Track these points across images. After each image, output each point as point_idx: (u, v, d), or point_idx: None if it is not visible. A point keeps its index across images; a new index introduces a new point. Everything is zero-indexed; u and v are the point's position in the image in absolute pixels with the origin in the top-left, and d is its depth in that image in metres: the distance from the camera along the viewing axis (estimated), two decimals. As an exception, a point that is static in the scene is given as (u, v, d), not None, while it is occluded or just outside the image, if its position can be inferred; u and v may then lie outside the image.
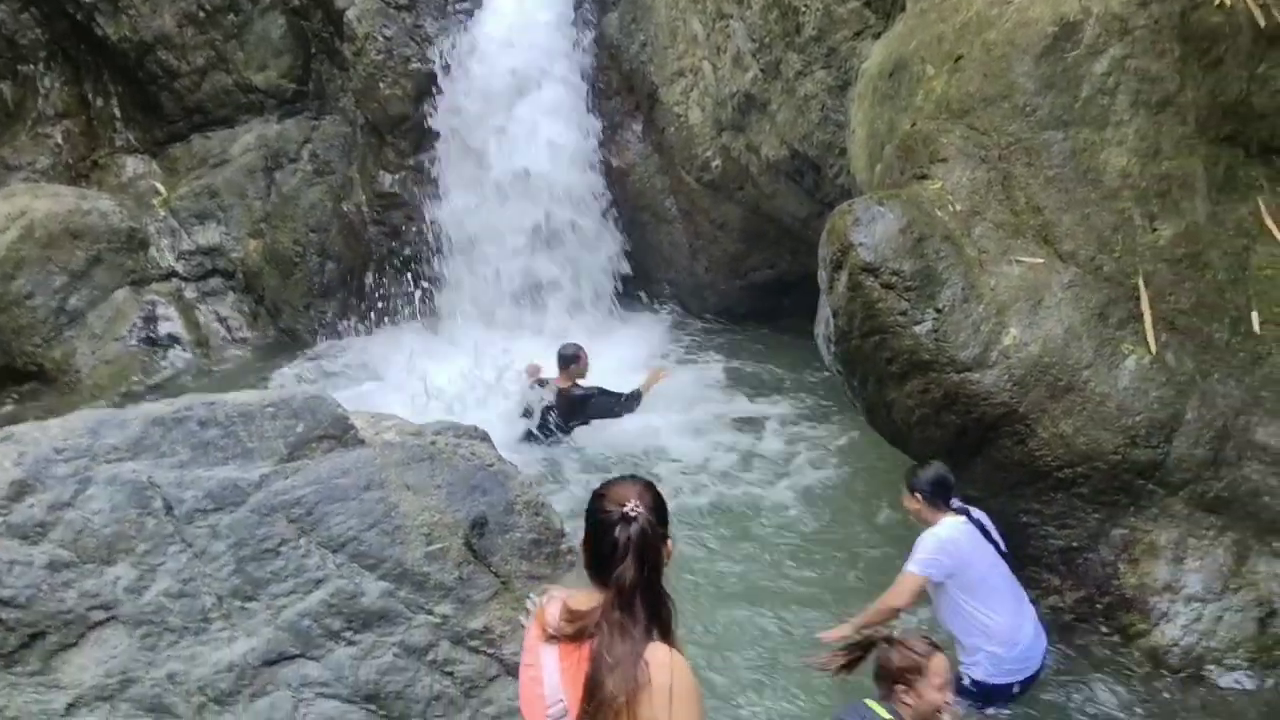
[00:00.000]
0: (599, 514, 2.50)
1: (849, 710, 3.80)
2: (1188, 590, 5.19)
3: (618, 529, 2.44)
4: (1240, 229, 5.46)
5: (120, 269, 10.02)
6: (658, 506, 2.52)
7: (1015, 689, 4.89)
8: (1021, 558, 5.20)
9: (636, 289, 10.47)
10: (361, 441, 3.33)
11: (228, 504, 3.11)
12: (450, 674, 3.13)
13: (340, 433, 3.30)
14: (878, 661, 3.79)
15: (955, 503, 4.96)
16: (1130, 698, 5.09)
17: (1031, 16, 5.61)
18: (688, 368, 9.13)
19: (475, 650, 3.19)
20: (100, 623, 2.94)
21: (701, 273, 10.01)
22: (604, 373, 8.09)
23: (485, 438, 3.61)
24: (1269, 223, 5.45)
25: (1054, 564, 5.45)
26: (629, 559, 2.42)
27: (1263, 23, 5.40)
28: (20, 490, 2.98)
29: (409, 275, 10.55)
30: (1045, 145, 5.49)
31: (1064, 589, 5.43)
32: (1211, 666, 5.09)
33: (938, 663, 3.76)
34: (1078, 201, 5.42)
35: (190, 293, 10.38)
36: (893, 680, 3.75)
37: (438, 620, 3.17)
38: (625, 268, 10.17)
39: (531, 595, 2.91)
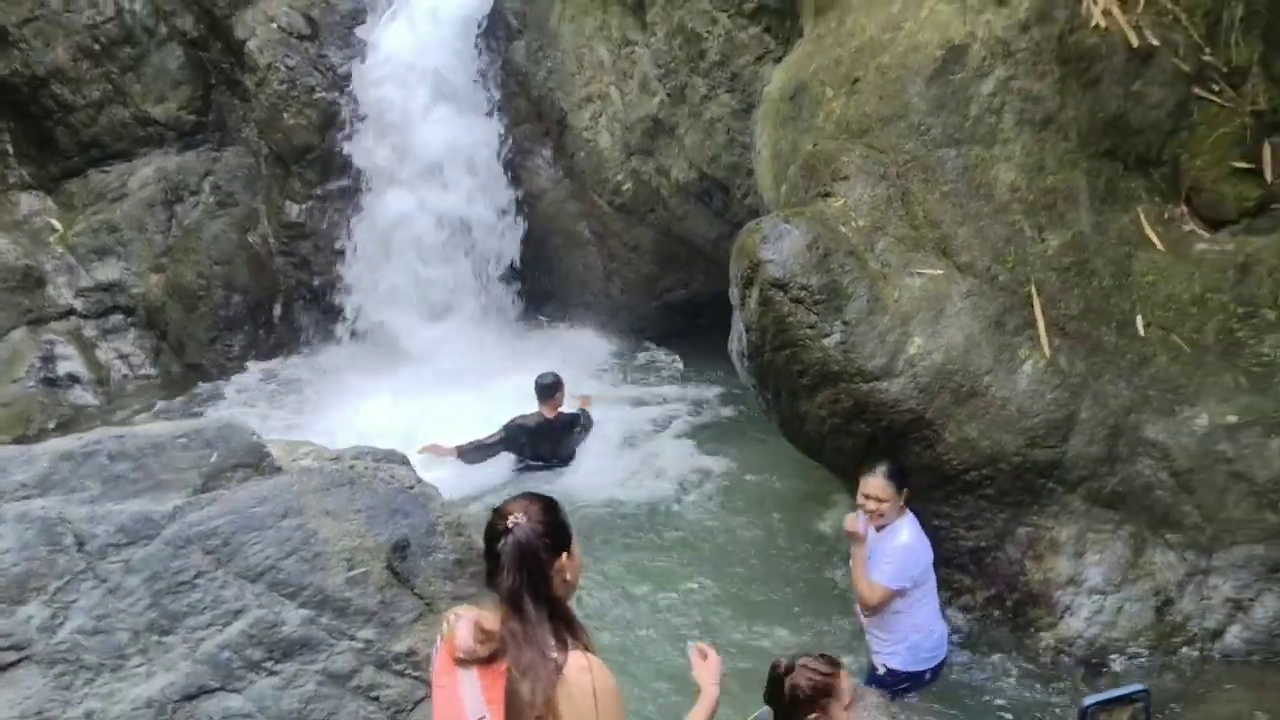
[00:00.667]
0: (488, 529, 2.59)
1: None
2: (1089, 583, 5.42)
3: (500, 541, 2.52)
4: (1122, 238, 5.75)
5: (16, 308, 9.72)
6: (548, 520, 2.57)
7: (927, 676, 5.11)
8: (935, 560, 5.37)
9: (551, 313, 10.54)
10: (278, 469, 3.31)
11: (141, 537, 3.05)
12: (376, 699, 3.11)
13: (255, 461, 3.27)
14: (786, 690, 3.53)
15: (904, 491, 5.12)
16: (1038, 690, 5.29)
17: (921, 41, 5.86)
18: (603, 387, 9.22)
19: (401, 674, 3.18)
20: (12, 664, 2.86)
21: (617, 294, 10.12)
22: (519, 396, 8.13)
23: (404, 461, 3.62)
24: (1149, 231, 5.76)
25: (965, 564, 5.63)
26: (508, 568, 2.49)
27: (1136, 43, 5.73)
28: (-78, 532, 2.89)
29: (319, 306, 10.45)
30: (940, 162, 5.72)
31: (975, 588, 5.62)
32: (1114, 656, 5.31)
33: (845, 681, 3.59)
34: (972, 215, 5.66)
35: (90, 330, 10.10)
36: (806, 709, 3.52)
37: (361, 645, 3.16)
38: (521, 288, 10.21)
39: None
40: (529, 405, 7.99)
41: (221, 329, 10.07)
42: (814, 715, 3.47)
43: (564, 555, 2.59)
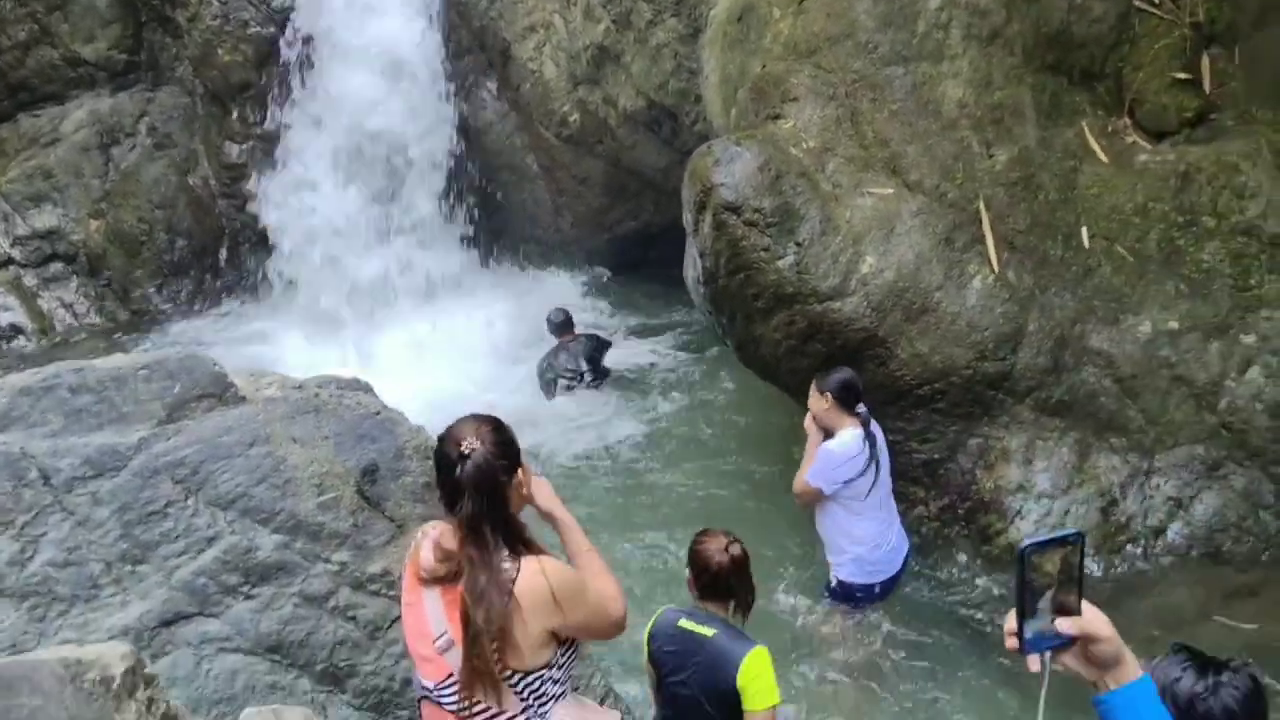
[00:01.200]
0: (439, 455, 2.59)
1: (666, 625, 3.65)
2: (1038, 488, 5.61)
3: (457, 468, 2.52)
4: (1067, 151, 5.86)
5: (-50, 260, 9.45)
6: (500, 441, 2.58)
7: (877, 589, 5.18)
8: (889, 472, 5.50)
9: (501, 248, 10.46)
10: (243, 399, 3.31)
11: (107, 470, 3.05)
12: (353, 618, 3.16)
13: (220, 391, 3.27)
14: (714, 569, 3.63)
15: (860, 408, 5.03)
16: (991, 591, 5.49)
17: (868, -43, 5.85)
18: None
19: (376, 594, 3.23)
20: (-18, 599, 2.86)
21: (567, 228, 10.06)
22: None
23: (368, 389, 3.63)
24: (1093, 144, 5.87)
25: (919, 477, 5.79)
26: (466, 494, 2.50)
27: (1078, -43, 5.78)
28: (-118, 471, 2.86)
29: (265, 248, 10.26)
30: (888, 80, 5.76)
31: (929, 499, 5.79)
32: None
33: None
34: (920, 133, 5.72)
35: (30, 279, 9.87)
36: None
37: (336, 568, 3.20)
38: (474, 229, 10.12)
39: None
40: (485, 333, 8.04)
41: (167, 274, 9.89)
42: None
43: (519, 471, 2.62)
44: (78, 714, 1.48)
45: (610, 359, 8.37)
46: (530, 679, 2.58)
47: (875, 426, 5.14)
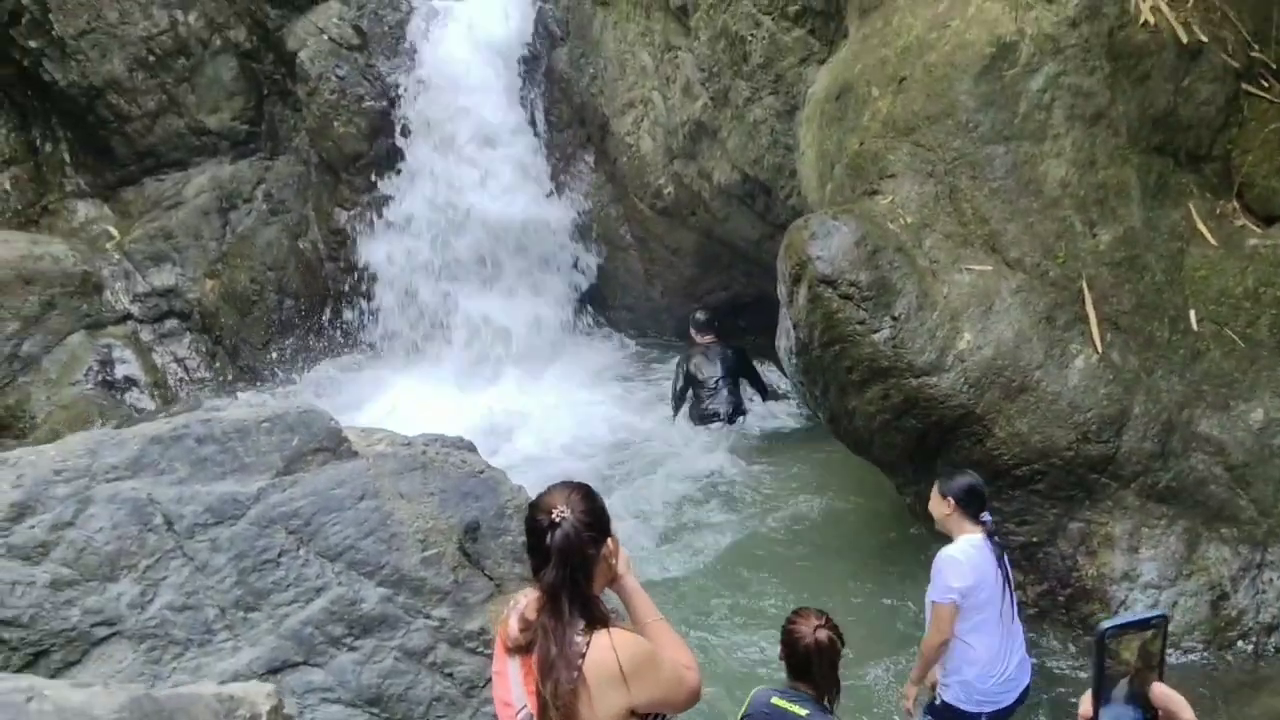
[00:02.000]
0: (530, 522, 2.59)
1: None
2: (1144, 578, 5.42)
3: (547, 535, 2.52)
4: (1174, 233, 5.77)
5: (75, 313, 9.95)
6: (590, 510, 2.57)
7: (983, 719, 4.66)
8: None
9: (595, 315, 10.65)
10: (355, 453, 3.42)
11: (227, 517, 3.18)
12: (450, 675, 3.21)
13: (334, 445, 3.39)
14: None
15: (985, 517, 4.62)
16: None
17: (969, 39, 5.91)
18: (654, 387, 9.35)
19: (473, 651, 3.27)
20: (104, 639, 2.98)
21: (658, 297, 10.20)
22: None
23: (472, 448, 3.72)
24: (1200, 226, 5.77)
25: (1016, 560, 5.62)
26: (554, 563, 2.50)
27: (1185, 39, 5.76)
28: (20, 512, 3.03)
29: (367, 313, 10.63)
30: (988, 159, 5.76)
31: (1026, 584, 5.63)
32: (1169, 650, 5.29)
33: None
34: (1021, 211, 5.69)
35: (146, 335, 10.33)
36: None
37: (436, 623, 3.26)
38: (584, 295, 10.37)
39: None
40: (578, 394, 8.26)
41: (274, 333, 10.27)
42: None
43: (608, 541, 2.62)
44: None
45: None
46: None
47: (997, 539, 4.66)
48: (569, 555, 2.51)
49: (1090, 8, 5.81)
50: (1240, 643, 5.26)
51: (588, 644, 2.50)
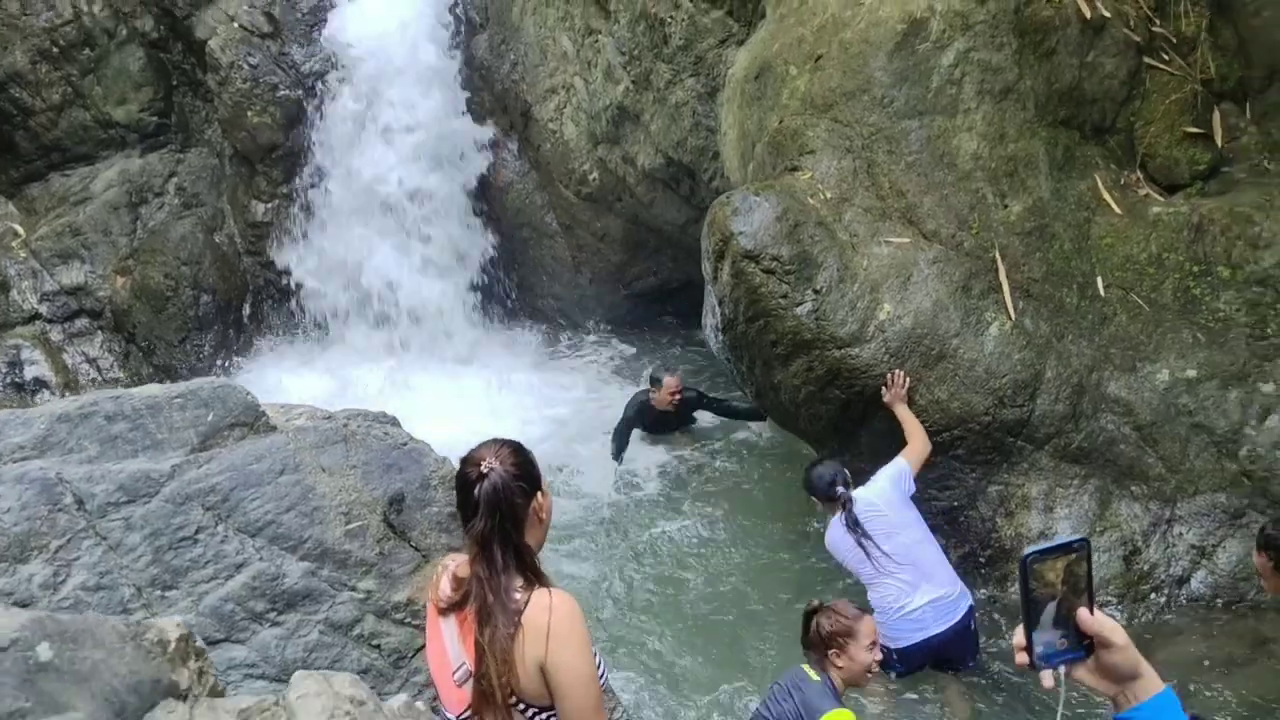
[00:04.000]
0: (460, 476, 2.60)
1: (786, 675, 4.08)
2: (1060, 537, 5.56)
3: (475, 487, 2.53)
4: (1081, 203, 5.94)
5: (-21, 314, 9.62)
6: (519, 462, 2.59)
7: (894, 655, 5.00)
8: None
9: (519, 304, 10.60)
10: (273, 428, 3.36)
11: (140, 496, 3.10)
12: (378, 647, 3.17)
13: (251, 420, 3.32)
14: (811, 629, 4.14)
15: (839, 491, 5.26)
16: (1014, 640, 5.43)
17: (882, 16, 6.01)
18: (579, 375, 9.33)
19: (401, 622, 3.24)
20: (14, 622, 2.88)
21: (585, 285, 10.20)
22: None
23: (395, 422, 3.68)
24: (1105, 196, 5.96)
25: (939, 524, 5.76)
26: (482, 513, 2.50)
27: (1089, 14, 5.94)
28: (-79, 494, 2.92)
29: (286, 305, 10.44)
30: (903, 133, 5.87)
31: (950, 546, 5.75)
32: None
33: (867, 625, 4.15)
34: (936, 184, 5.82)
35: (56, 334, 10.02)
36: (825, 645, 4.08)
37: (361, 596, 3.22)
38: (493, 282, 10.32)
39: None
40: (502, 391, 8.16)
41: (191, 329, 10.03)
42: (833, 651, 4.06)
43: (538, 494, 2.62)
44: (137, 669, 1.50)
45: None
46: (547, 716, 2.52)
47: (859, 501, 5.19)
48: (497, 504, 2.51)
49: (997, -16, 5.95)
50: (1153, 595, 5.45)
51: (527, 601, 2.50)
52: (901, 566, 5.10)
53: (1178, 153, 6.10)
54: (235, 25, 10.04)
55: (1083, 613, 1.54)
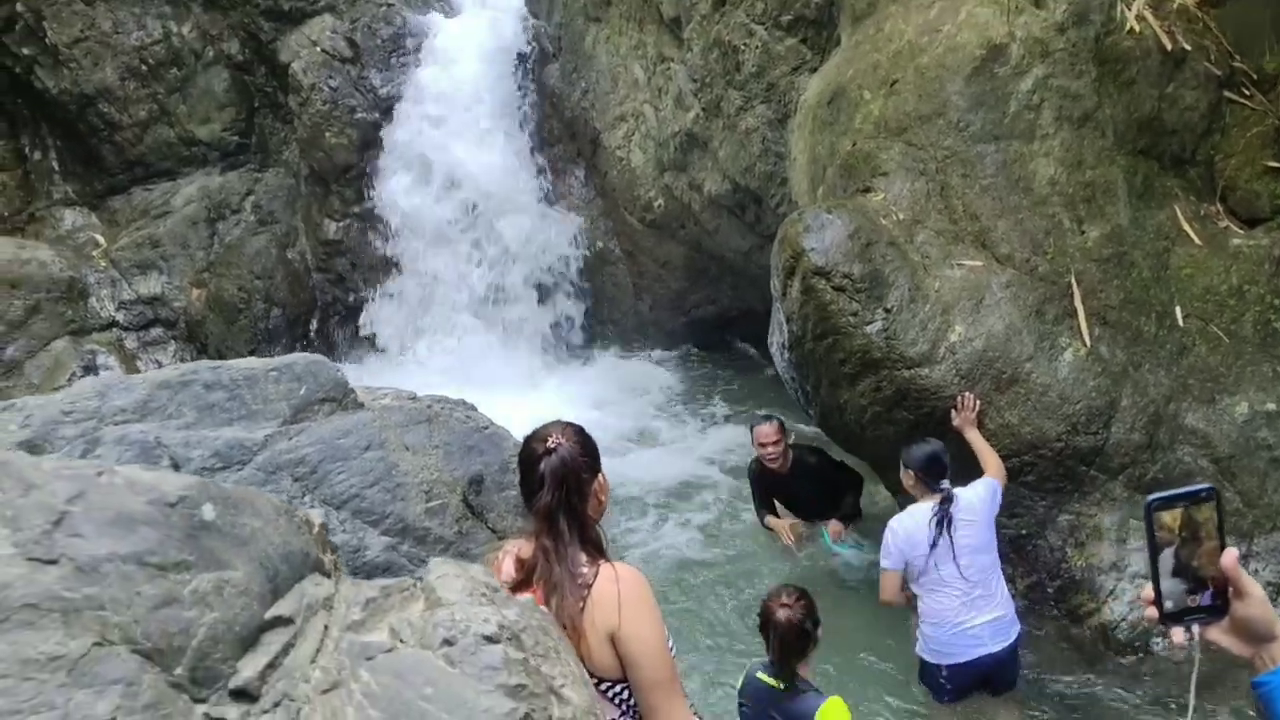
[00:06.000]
0: (525, 452, 2.64)
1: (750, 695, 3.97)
2: (1132, 569, 5.46)
3: (541, 462, 2.56)
4: (1160, 232, 5.88)
5: (59, 319, 9.92)
6: (584, 440, 2.63)
7: (944, 672, 4.93)
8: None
9: (583, 330, 10.69)
10: (361, 405, 3.43)
11: (234, 462, 3.17)
12: (454, 625, 3.19)
13: (340, 396, 3.40)
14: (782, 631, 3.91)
15: (944, 484, 4.95)
16: (1084, 674, 5.31)
17: (960, 42, 6.05)
18: (641, 398, 9.36)
19: (477, 603, 3.26)
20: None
21: (646, 311, 10.27)
22: (556, 413, 8.30)
23: (474, 408, 3.73)
24: (1185, 226, 5.89)
25: (1005, 552, 5.66)
26: (547, 485, 2.53)
27: (1169, 47, 5.91)
28: (29, 451, 3.00)
29: (353, 321, 10.65)
30: (979, 157, 5.88)
31: (1016, 575, 5.66)
32: (1157, 640, 5.34)
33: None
34: (1011, 208, 5.80)
35: (131, 342, 10.31)
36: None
37: (440, 574, 3.25)
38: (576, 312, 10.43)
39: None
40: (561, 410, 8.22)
41: (260, 341, 10.25)
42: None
43: (600, 475, 2.66)
44: (290, 541, 1.54)
45: (685, 430, 8.43)
46: (620, 688, 2.51)
47: (960, 502, 4.96)
48: (564, 479, 2.54)
49: (1078, 14, 5.97)
50: (1228, 633, 5.29)
51: (595, 575, 2.51)
52: (971, 585, 4.93)
53: (1259, 186, 6.02)
54: (318, 50, 10.38)
55: (1229, 552, 1.48)
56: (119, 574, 1.33)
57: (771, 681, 3.85)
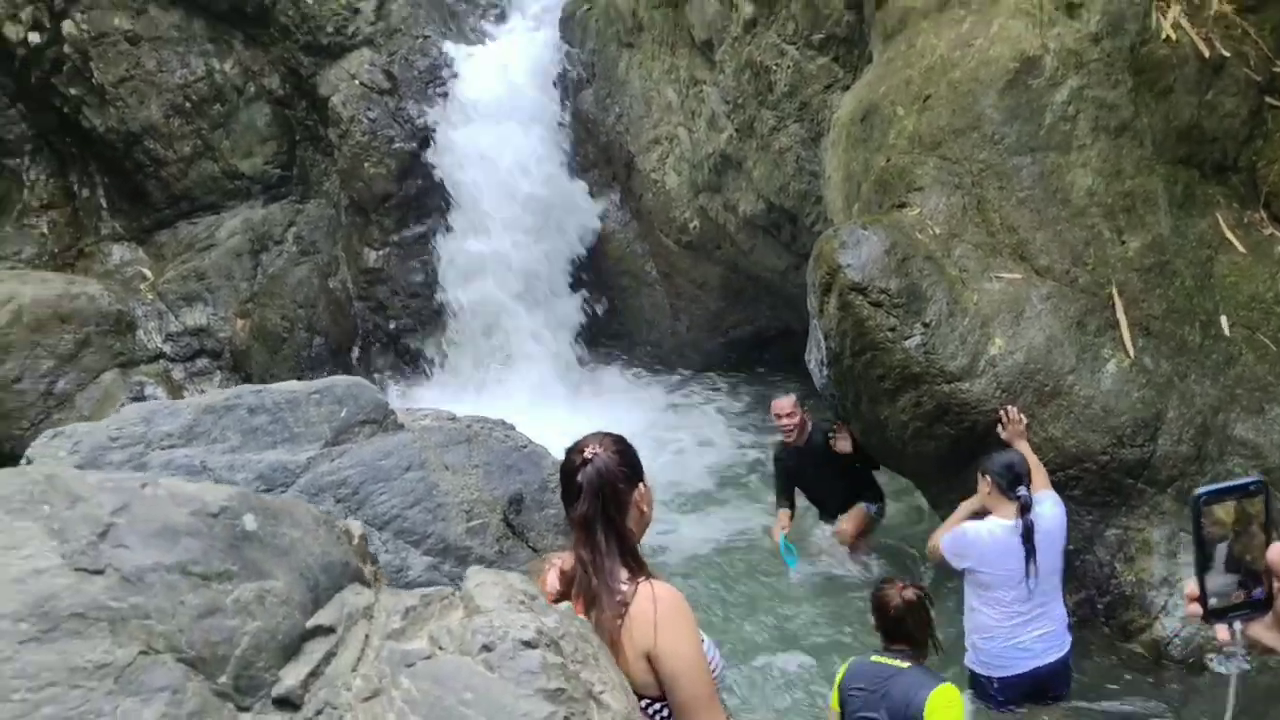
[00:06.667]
0: (564, 464, 2.63)
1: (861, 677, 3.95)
2: (1184, 584, 5.33)
3: (579, 473, 2.55)
4: (1202, 241, 5.81)
5: (108, 351, 10.11)
6: (622, 451, 2.62)
7: (995, 684, 4.90)
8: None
9: (619, 351, 10.73)
10: (401, 426, 3.47)
11: (277, 485, 3.21)
12: (496, 643, 3.20)
13: (381, 418, 3.44)
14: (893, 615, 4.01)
15: (1022, 492, 4.87)
16: (1137, 690, 5.20)
17: (993, 55, 6.03)
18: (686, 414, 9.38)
19: (518, 621, 3.27)
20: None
21: (683, 332, 10.28)
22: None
23: (513, 427, 3.76)
24: (1228, 234, 5.81)
25: (1055, 568, 5.59)
26: (585, 496, 2.53)
27: (1207, 54, 5.86)
28: (77, 474, 3.08)
29: (394, 348, 10.77)
30: (1015, 170, 5.84)
31: (1065, 591, 5.55)
32: (1211, 655, 5.22)
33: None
34: (1049, 220, 5.75)
35: (178, 373, 10.48)
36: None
37: (481, 592, 3.26)
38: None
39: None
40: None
41: (304, 370, 10.38)
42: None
43: (640, 485, 2.64)
44: (329, 551, 1.56)
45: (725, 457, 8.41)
46: (659, 705, 2.48)
47: (1045, 519, 4.88)
48: (600, 489, 2.52)
49: (1112, 24, 5.93)
50: None
51: (634, 593, 2.49)
52: (1034, 605, 4.86)
53: (1303, 192, 5.94)
54: (356, 83, 10.56)
55: (1275, 546, 1.45)
56: (164, 584, 1.36)
57: (895, 662, 3.85)
